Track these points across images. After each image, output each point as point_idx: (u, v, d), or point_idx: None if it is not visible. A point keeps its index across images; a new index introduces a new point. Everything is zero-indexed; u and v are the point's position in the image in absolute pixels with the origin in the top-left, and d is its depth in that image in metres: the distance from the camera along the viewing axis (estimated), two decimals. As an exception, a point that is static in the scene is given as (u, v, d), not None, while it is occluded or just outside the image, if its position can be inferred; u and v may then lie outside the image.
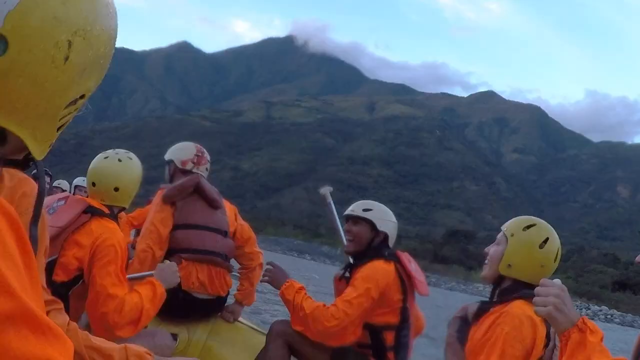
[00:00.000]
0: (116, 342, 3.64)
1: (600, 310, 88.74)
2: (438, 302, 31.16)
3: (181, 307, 4.84)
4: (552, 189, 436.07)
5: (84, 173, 4.75)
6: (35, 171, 11.85)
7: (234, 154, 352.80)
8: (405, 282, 4.84)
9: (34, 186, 2.44)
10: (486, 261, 3.85)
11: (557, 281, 2.80)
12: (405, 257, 5.00)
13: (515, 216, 3.74)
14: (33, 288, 0.96)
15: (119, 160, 4.26)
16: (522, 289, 3.62)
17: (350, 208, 5.22)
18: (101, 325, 3.74)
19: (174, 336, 4.92)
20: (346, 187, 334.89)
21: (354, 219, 5.09)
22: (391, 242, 5.04)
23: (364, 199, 5.04)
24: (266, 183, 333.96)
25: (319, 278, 31.64)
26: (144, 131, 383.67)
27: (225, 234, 5.59)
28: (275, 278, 5.09)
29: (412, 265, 4.98)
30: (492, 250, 3.82)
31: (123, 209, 4.39)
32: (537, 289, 2.73)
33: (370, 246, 5.00)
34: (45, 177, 11.76)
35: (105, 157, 4.26)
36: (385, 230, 4.99)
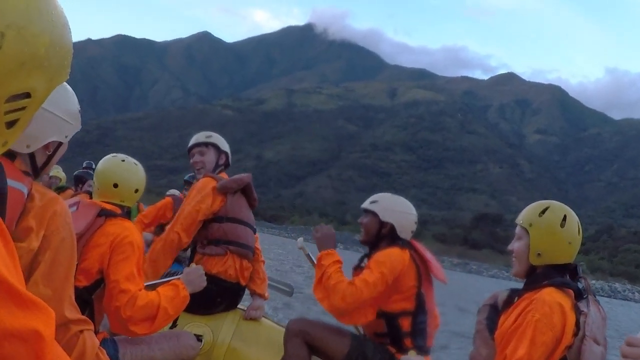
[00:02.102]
0: (136, 342, 4.11)
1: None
2: (483, 291, 31.51)
3: (209, 293, 4.78)
4: (576, 168, 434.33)
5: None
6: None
7: (256, 142, 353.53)
8: (420, 269, 4.94)
9: (63, 205, 2.55)
10: (513, 258, 3.84)
11: None
12: (420, 247, 5.12)
13: (540, 197, 3.85)
14: (16, 270, 1.11)
15: (135, 164, 4.38)
16: (553, 275, 3.63)
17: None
18: (116, 320, 3.81)
19: (199, 337, 5.00)
20: (370, 173, 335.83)
21: (364, 211, 5.27)
22: (402, 231, 5.10)
23: (387, 185, 5.33)
24: (289, 171, 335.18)
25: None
26: (166, 121, 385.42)
27: (255, 231, 5.90)
28: (324, 239, 5.22)
29: (428, 254, 5.10)
30: (515, 246, 3.81)
31: (129, 208, 4.43)
32: (623, 349, 2.41)
33: (379, 236, 5.14)
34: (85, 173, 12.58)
35: (123, 160, 4.35)
36: (390, 220, 5.09)
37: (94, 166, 13.20)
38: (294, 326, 5.11)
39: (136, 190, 4.35)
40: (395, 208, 5.20)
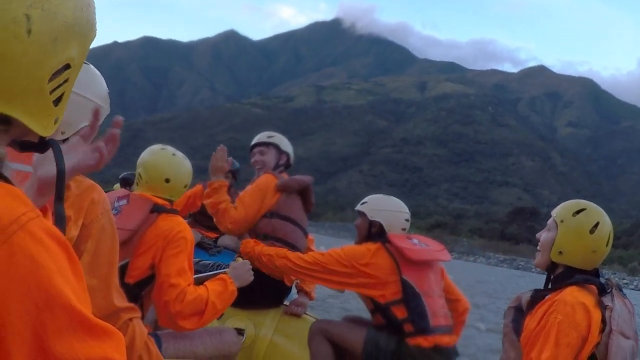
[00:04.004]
0: (179, 337, 4.16)
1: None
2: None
3: (251, 289, 4.56)
4: (608, 161, 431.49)
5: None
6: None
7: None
8: (396, 257, 4.97)
9: (100, 192, 2.55)
10: (538, 248, 3.86)
11: None
12: (399, 236, 5.15)
13: (572, 191, 3.96)
14: (84, 296, 1.12)
15: (184, 158, 4.36)
16: (575, 275, 3.64)
17: None
18: (165, 314, 3.82)
19: (241, 331, 5.04)
20: (401, 168, 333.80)
21: (357, 213, 5.41)
22: (390, 229, 5.19)
23: (419, 180, 5.41)
24: (321, 167, 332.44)
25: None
26: (195, 121, 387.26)
27: (307, 234, 5.92)
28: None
29: (413, 240, 5.16)
30: (543, 236, 3.81)
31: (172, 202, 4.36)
32: None
33: (370, 235, 5.24)
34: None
35: (173, 154, 4.29)
36: (378, 219, 5.19)
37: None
38: (315, 326, 5.26)
39: (185, 186, 4.34)
40: (383, 207, 5.30)
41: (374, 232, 5.21)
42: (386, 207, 5.31)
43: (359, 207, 5.39)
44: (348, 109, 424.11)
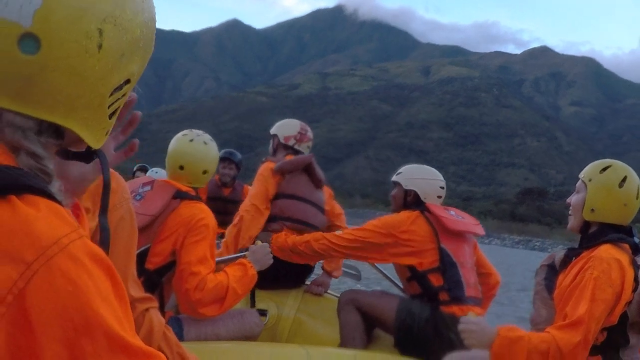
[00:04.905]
0: (201, 320, 4.15)
1: None
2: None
3: (274, 270, 4.60)
4: (613, 139, 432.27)
5: (144, 158, 3.71)
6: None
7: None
8: (435, 226, 4.92)
9: (119, 180, 2.59)
10: (570, 212, 3.88)
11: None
12: (437, 206, 5.09)
13: (579, 170, 3.75)
14: (127, 319, 1.11)
15: (204, 142, 4.31)
16: (609, 233, 3.64)
17: None
18: (185, 302, 3.82)
19: (264, 312, 5.15)
20: (407, 152, 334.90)
21: (393, 184, 5.37)
22: (426, 197, 5.14)
23: (425, 163, 5.32)
24: (327, 154, 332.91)
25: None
26: (200, 112, 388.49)
27: (322, 210, 5.88)
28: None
29: (451, 212, 5.12)
30: (573, 199, 3.84)
31: (197, 189, 4.35)
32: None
33: (406, 205, 5.18)
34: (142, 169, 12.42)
35: (191, 140, 4.28)
36: (413, 188, 5.15)
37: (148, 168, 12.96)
38: (345, 297, 5.22)
39: (204, 172, 4.28)
40: (417, 176, 5.26)
41: (410, 202, 5.16)
42: (420, 176, 5.26)
43: (394, 177, 5.35)
44: (352, 95, 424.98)
